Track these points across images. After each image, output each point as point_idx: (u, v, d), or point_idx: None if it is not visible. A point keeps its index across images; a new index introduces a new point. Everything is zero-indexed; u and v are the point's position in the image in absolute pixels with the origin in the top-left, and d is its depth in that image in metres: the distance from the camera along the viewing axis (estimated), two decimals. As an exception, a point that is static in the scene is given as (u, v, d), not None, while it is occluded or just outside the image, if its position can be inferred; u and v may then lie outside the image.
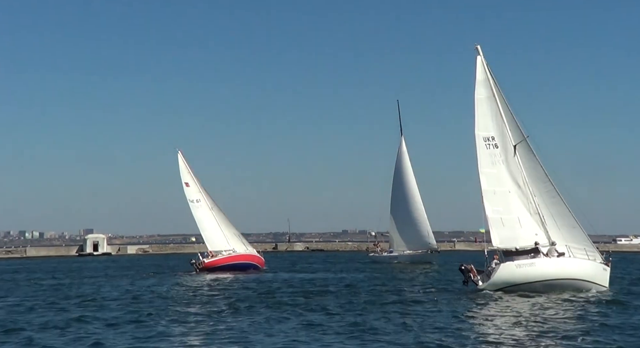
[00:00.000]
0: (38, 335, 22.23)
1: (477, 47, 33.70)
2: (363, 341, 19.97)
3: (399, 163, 74.32)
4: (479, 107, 33.43)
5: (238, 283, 42.32)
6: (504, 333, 20.92)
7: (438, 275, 47.41)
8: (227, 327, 22.98)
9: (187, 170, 61.87)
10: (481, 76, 33.66)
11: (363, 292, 34.52)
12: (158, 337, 21.31)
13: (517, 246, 33.28)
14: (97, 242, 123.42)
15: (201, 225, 62.30)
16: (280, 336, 21.06)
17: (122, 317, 25.88)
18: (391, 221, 75.04)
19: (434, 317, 24.33)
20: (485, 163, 33.39)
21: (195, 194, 61.96)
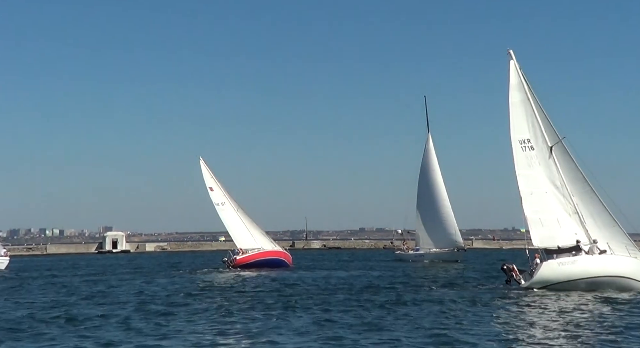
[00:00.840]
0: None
1: (510, 51, 35.20)
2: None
3: (426, 160, 74.73)
4: (513, 110, 34.91)
5: (296, 281, 43.63)
6: (552, 333, 21.52)
7: (475, 274, 48.36)
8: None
9: (210, 175, 64.09)
10: (515, 80, 35.12)
11: (410, 290, 35.46)
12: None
13: (558, 245, 34.42)
14: (116, 240, 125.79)
15: (228, 225, 64.26)
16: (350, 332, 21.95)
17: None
18: (417, 219, 75.04)
19: (483, 316, 25.24)
20: (521, 165, 34.81)
21: (220, 198, 64.09)
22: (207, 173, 63.89)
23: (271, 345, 19.96)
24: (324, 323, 23.57)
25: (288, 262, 64.25)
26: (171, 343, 20.24)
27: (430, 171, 74.17)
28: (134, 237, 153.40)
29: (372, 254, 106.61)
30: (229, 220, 63.89)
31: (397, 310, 26.71)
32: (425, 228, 74.10)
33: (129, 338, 21.22)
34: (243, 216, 64.24)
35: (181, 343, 20.18)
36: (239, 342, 20.34)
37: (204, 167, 64.06)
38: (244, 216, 64.24)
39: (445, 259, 69.65)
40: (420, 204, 74.85)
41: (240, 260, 61.92)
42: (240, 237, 64.08)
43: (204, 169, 63.98)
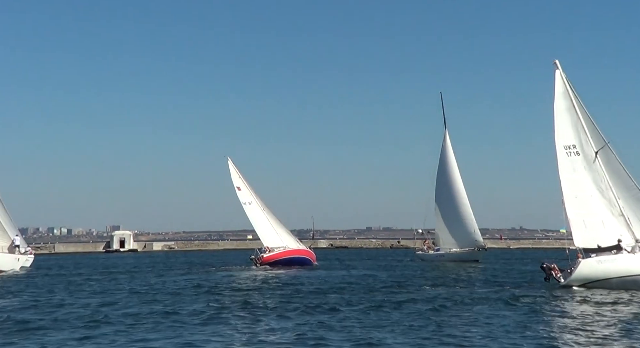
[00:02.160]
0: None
1: (556, 62, 37.51)
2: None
3: (444, 157, 74.90)
4: (558, 117, 37.15)
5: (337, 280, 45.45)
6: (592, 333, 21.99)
7: (505, 274, 49.96)
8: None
9: (238, 175, 66.48)
10: (560, 88, 37.35)
11: (444, 290, 36.34)
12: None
13: (598, 244, 36.27)
14: (123, 239, 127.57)
15: (255, 224, 66.58)
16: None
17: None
18: (437, 219, 75.24)
19: (528, 315, 26.03)
20: (566, 169, 36.94)
21: (247, 197, 66.40)
22: (235, 172, 66.39)
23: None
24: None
25: (312, 260, 66.53)
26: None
27: (448, 169, 74.37)
28: (142, 236, 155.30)
29: (385, 253, 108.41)
30: (255, 219, 66.25)
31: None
32: (445, 228, 74.26)
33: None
34: (269, 215, 66.61)
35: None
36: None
37: (232, 167, 66.52)
38: (270, 215, 66.59)
39: (465, 259, 70.14)
40: (439, 203, 75.00)
41: (267, 258, 64.34)
42: (267, 236, 66.47)
43: (232, 168, 66.46)
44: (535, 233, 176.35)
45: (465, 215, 73.03)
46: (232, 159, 67.27)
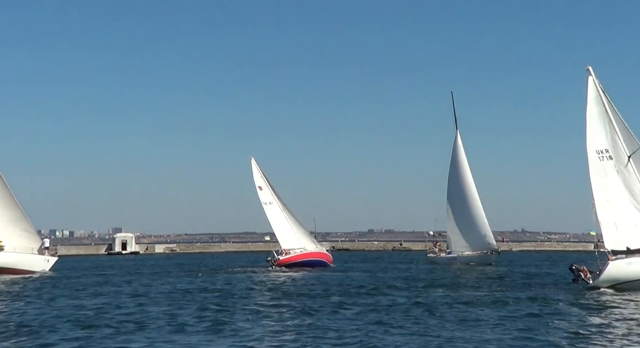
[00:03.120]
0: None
1: (589, 68, 38.77)
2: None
3: (455, 158, 74.48)
4: (591, 123, 38.37)
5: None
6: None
7: (530, 276, 50.50)
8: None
9: (260, 175, 67.80)
10: (593, 93, 38.58)
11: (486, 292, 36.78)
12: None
13: (628, 246, 37.52)
14: (125, 241, 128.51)
15: (274, 225, 67.79)
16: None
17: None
18: (448, 221, 74.91)
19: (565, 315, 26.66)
20: (598, 174, 38.10)
21: (268, 197, 67.61)
22: (258, 172, 67.91)
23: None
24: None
25: (329, 262, 67.67)
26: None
27: (460, 170, 73.96)
28: (143, 238, 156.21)
29: (391, 255, 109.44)
30: (275, 220, 67.59)
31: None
32: (457, 230, 73.70)
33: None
34: (289, 216, 67.81)
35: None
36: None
37: (255, 166, 68.01)
38: (289, 216, 67.76)
39: (478, 262, 69.66)
40: (450, 204, 74.66)
41: (283, 260, 65.59)
42: (285, 237, 67.78)
43: (255, 168, 67.98)
44: (537, 235, 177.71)
45: (478, 218, 72.55)
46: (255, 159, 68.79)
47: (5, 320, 25.69)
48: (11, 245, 56.50)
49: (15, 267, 55.61)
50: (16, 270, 55.33)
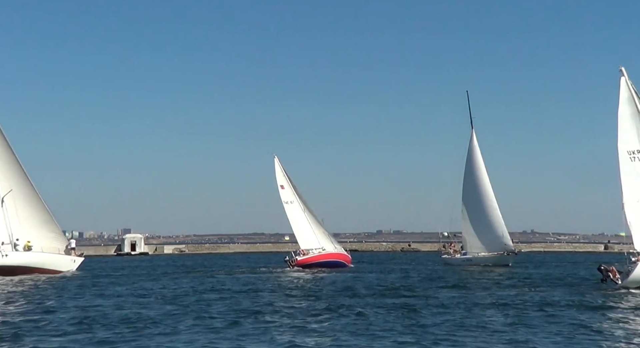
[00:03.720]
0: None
1: (622, 69, 39.69)
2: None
3: (471, 158, 74.16)
4: (623, 123, 39.17)
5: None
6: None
7: (558, 277, 50.75)
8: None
9: (283, 173, 68.70)
10: (625, 94, 39.41)
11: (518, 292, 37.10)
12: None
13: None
14: (134, 242, 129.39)
15: (294, 224, 68.74)
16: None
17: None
18: (463, 222, 74.26)
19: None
20: (629, 174, 38.90)
21: (289, 196, 68.54)
22: (280, 171, 68.85)
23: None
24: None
25: (347, 262, 68.61)
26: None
27: (475, 171, 73.59)
28: (152, 239, 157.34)
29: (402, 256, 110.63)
30: (294, 219, 68.52)
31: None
32: (473, 231, 73.24)
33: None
34: (309, 215, 68.73)
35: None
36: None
37: (278, 165, 68.98)
38: (310, 216, 68.71)
39: (494, 263, 69.35)
40: (466, 205, 74.19)
41: (301, 260, 66.50)
42: (304, 236, 68.61)
43: (278, 167, 68.93)
44: (546, 236, 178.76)
45: (494, 218, 72.09)
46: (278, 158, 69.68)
47: (106, 314, 26.94)
48: (39, 246, 57.82)
49: (43, 267, 56.95)
50: (44, 270, 56.64)
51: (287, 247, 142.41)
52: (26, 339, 21.49)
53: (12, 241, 57.10)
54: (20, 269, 55.40)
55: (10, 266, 55.08)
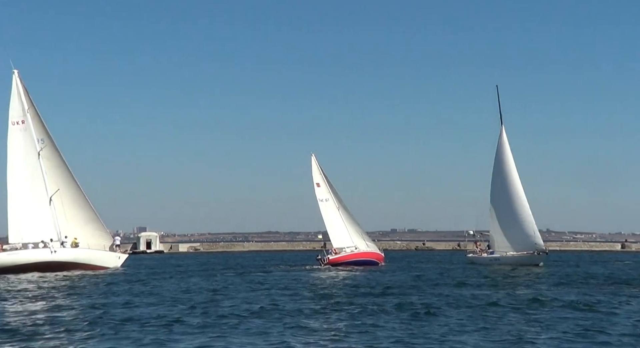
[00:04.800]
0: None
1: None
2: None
3: (500, 155, 74.18)
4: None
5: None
6: None
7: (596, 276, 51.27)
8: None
9: (319, 171, 71.36)
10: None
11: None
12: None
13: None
14: (150, 240, 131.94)
15: (328, 222, 71.27)
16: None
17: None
18: (491, 220, 74.25)
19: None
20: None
21: (325, 194, 71.21)
22: (317, 169, 71.52)
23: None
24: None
25: (379, 261, 71.08)
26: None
27: (505, 168, 73.55)
28: (168, 237, 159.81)
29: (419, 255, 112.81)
30: (328, 217, 70.95)
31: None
32: (501, 229, 73.37)
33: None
34: (343, 214, 71.29)
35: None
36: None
37: (315, 163, 71.71)
38: (344, 214, 71.28)
39: (524, 262, 69.35)
40: (494, 203, 74.21)
41: (332, 259, 69.01)
42: (337, 235, 71.09)
43: (314, 165, 71.62)
44: (562, 235, 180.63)
45: (524, 217, 72.00)
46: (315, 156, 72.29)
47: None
48: (85, 243, 60.74)
49: (90, 263, 59.96)
50: (91, 266, 59.62)
51: (301, 246, 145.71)
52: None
53: (60, 238, 60.16)
54: (69, 265, 58.43)
55: (59, 262, 58.17)
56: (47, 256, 58.21)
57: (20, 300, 33.47)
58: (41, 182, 60.28)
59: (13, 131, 60.52)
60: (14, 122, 60.73)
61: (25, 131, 60.47)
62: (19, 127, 60.47)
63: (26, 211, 59.80)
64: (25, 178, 60.31)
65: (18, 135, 60.43)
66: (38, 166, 60.20)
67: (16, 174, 60.10)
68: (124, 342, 20.71)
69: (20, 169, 60.19)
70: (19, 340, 20.94)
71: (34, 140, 60.47)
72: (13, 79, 61.39)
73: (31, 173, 60.29)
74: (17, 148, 60.39)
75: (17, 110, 60.83)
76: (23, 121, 60.73)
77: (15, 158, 60.30)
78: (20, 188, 60.05)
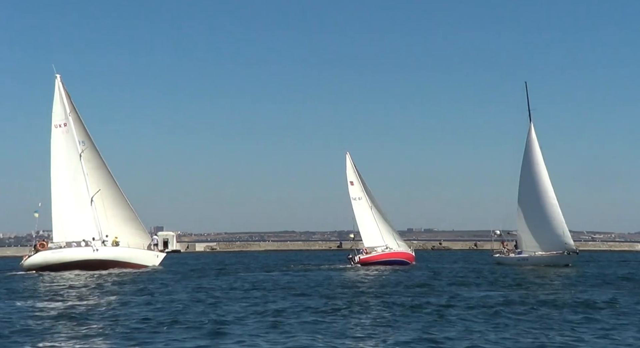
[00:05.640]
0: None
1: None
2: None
3: (528, 153, 74.19)
4: None
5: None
6: None
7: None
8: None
9: (353, 170, 73.22)
10: None
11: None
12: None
13: None
14: (167, 239, 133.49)
15: (360, 221, 73.09)
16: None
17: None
18: (519, 220, 74.35)
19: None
20: None
21: (358, 193, 73.03)
22: (351, 167, 73.42)
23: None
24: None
25: (409, 261, 72.80)
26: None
27: (533, 166, 73.42)
28: (184, 237, 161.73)
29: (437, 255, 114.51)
30: (361, 216, 72.85)
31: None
32: (529, 229, 73.22)
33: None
34: (376, 213, 73.17)
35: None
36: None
37: (349, 161, 73.57)
38: (376, 213, 73.16)
39: (553, 262, 69.67)
40: (522, 203, 74.27)
41: (363, 259, 70.90)
42: (369, 234, 72.92)
43: (349, 163, 73.49)
44: (580, 235, 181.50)
45: (554, 216, 72.05)
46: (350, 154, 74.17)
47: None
48: (125, 242, 63.03)
49: (130, 261, 62.62)
50: (131, 264, 62.21)
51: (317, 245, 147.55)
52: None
53: (101, 237, 62.49)
54: (110, 263, 61.06)
55: (101, 260, 60.80)
56: (89, 254, 60.86)
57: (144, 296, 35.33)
58: (83, 183, 62.86)
59: (56, 134, 63.06)
60: (56, 125, 63.24)
61: (67, 134, 63.00)
62: (61, 130, 62.93)
63: (69, 211, 62.21)
64: (68, 179, 62.80)
65: (60, 138, 62.92)
66: (80, 167, 62.71)
67: (59, 176, 62.55)
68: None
69: (63, 170, 62.65)
70: (121, 336, 22.42)
71: (75, 142, 63.05)
72: (55, 83, 64.05)
73: (73, 174, 62.82)
74: (60, 150, 62.90)
75: (59, 113, 63.38)
76: (65, 124, 63.21)
77: (58, 160, 62.80)
78: (64, 189, 62.46)
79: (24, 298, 35.05)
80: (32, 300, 33.91)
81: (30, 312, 28.70)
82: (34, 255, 59.59)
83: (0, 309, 29.65)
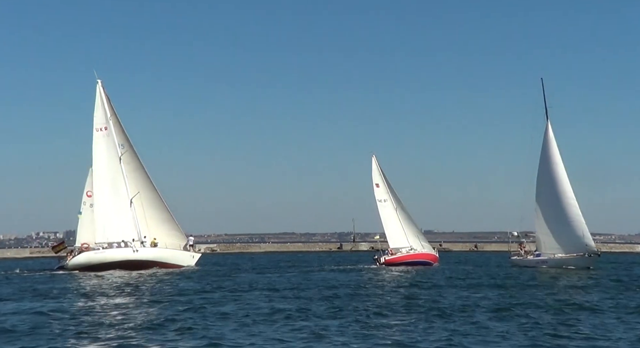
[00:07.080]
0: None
1: None
2: None
3: (546, 152, 73.74)
4: None
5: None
6: None
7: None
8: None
9: (379, 172, 76.26)
10: None
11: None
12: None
13: None
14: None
15: (385, 223, 76.31)
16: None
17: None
18: (537, 221, 74.08)
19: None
20: None
21: (383, 195, 76.08)
22: (377, 169, 76.50)
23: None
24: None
25: (433, 261, 75.92)
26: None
27: (552, 165, 73.05)
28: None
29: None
30: (386, 218, 76.05)
31: None
32: (548, 230, 72.96)
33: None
34: (401, 214, 76.29)
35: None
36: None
37: (375, 163, 76.60)
38: (401, 215, 76.27)
39: (573, 265, 69.49)
40: (540, 203, 74.00)
41: (389, 260, 74.15)
42: (394, 235, 76.16)
43: (374, 165, 76.52)
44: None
45: (573, 217, 71.33)
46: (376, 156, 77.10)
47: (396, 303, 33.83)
48: (162, 242, 66.39)
49: (168, 261, 66.21)
50: (169, 264, 65.72)
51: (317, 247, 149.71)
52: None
53: (139, 238, 65.84)
54: (148, 263, 64.57)
55: (140, 261, 64.28)
56: (130, 255, 64.32)
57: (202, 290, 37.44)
58: (122, 185, 66.20)
59: (97, 138, 66.25)
60: (97, 128, 66.33)
61: (107, 137, 66.24)
62: (102, 134, 66.16)
63: (110, 213, 65.32)
64: (108, 181, 65.99)
65: (101, 141, 66.14)
66: (119, 170, 65.88)
67: (100, 178, 65.74)
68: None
69: (104, 173, 65.87)
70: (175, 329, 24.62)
71: (115, 145, 66.41)
72: (97, 88, 67.19)
73: (113, 176, 66.06)
74: (101, 153, 66.13)
75: (100, 118, 66.62)
76: (106, 128, 66.47)
77: (99, 163, 66.04)
78: (105, 191, 65.63)
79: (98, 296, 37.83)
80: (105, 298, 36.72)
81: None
82: (78, 255, 63.19)
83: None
